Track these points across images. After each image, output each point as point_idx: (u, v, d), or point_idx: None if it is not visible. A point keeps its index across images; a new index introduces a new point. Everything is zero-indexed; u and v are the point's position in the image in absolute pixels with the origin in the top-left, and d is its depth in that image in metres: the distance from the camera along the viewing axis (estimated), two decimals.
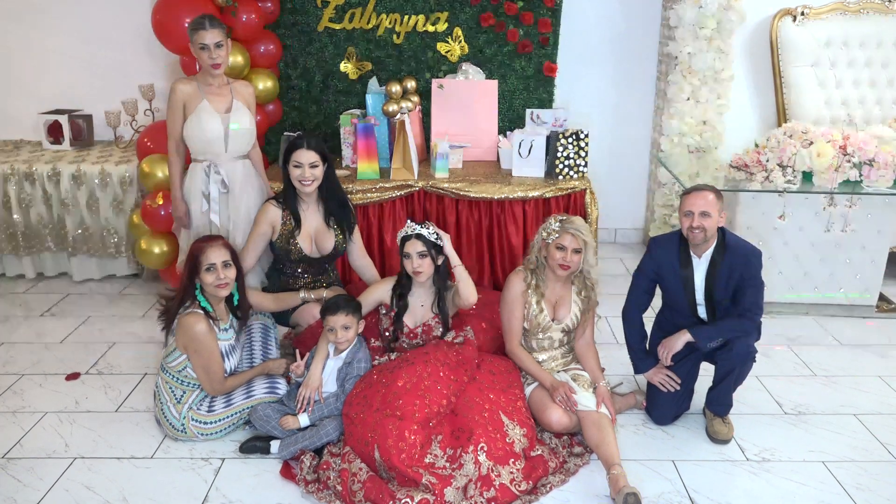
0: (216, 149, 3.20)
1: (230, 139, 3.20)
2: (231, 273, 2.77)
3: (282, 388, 2.92)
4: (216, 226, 3.28)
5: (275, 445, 2.73)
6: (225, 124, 3.17)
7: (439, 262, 2.96)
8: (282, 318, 3.35)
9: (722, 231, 2.86)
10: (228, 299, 2.87)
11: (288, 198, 3.24)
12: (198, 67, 3.26)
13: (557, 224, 2.84)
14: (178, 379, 2.79)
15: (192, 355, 2.73)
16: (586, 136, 3.86)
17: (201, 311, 2.72)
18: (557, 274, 2.87)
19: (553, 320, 2.93)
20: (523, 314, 2.92)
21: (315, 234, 3.28)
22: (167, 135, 3.26)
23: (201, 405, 2.82)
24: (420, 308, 3.02)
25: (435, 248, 2.93)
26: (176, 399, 2.80)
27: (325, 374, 2.87)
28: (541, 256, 2.90)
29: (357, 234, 3.43)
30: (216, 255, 2.73)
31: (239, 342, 2.94)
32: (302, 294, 3.30)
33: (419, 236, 2.91)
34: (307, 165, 3.14)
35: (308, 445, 2.69)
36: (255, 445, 2.75)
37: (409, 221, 3.03)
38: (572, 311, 2.94)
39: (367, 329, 3.13)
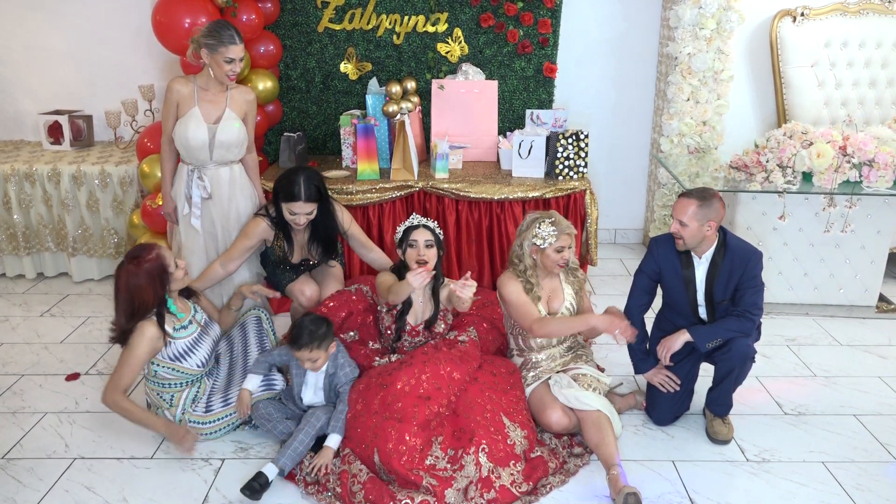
0: (201, 156, 3.14)
1: (215, 148, 3.13)
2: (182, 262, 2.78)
3: (279, 383, 2.90)
4: (197, 231, 3.23)
5: (270, 471, 2.58)
6: (211, 134, 3.10)
7: (440, 254, 2.99)
8: (278, 287, 3.34)
9: (723, 231, 2.85)
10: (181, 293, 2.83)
11: (280, 223, 3.16)
12: (210, 72, 3.07)
13: (551, 228, 2.84)
14: (160, 384, 2.77)
15: (122, 353, 2.65)
16: (586, 136, 3.86)
17: (154, 319, 2.65)
18: (554, 272, 2.91)
19: (550, 313, 2.94)
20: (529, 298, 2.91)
21: (305, 247, 3.28)
22: (161, 131, 3.24)
23: (196, 406, 2.81)
24: (419, 304, 3.03)
25: (439, 241, 2.96)
26: (168, 403, 2.79)
27: (309, 387, 2.80)
28: (532, 259, 2.92)
29: (356, 231, 3.36)
30: (168, 252, 2.71)
31: (210, 332, 2.87)
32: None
33: (426, 226, 2.94)
34: (302, 214, 3.07)
35: (305, 449, 2.65)
36: (255, 486, 2.53)
37: (413, 214, 3.04)
38: (566, 298, 2.96)
39: (365, 330, 3.13)
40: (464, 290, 2.80)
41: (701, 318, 2.91)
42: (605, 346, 3.61)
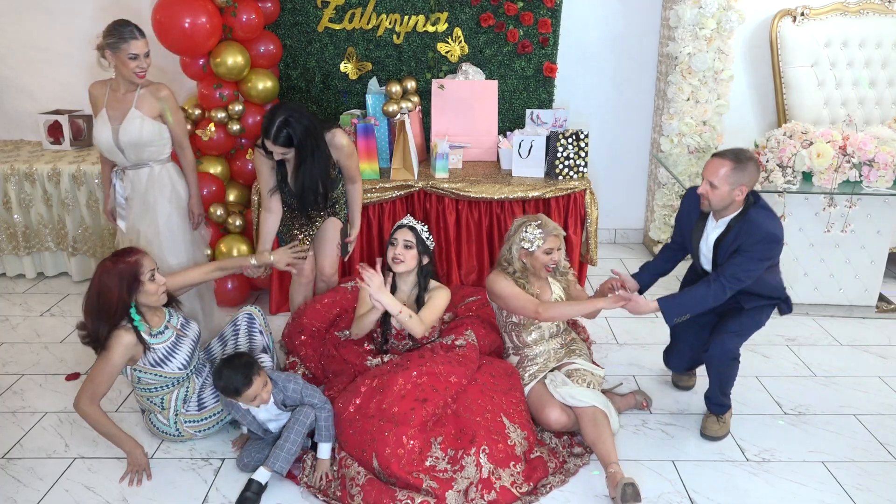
0: (115, 158, 3.12)
1: (124, 149, 3.07)
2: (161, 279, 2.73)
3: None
4: (122, 232, 3.21)
5: (262, 476, 2.55)
6: (115, 134, 3.05)
7: (424, 261, 2.97)
8: (281, 241, 3.34)
9: (755, 199, 2.73)
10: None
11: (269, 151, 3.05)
12: (114, 74, 3.07)
13: (538, 231, 2.88)
14: (147, 389, 2.75)
15: (97, 360, 2.62)
16: (586, 136, 3.86)
17: (131, 327, 2.62)
18: (543, 275, 2.95)
19: None
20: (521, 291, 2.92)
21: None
22: None
23: (188, 405, 2.81)
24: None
25: (422, 246, 2.94)
26: (159, 407, 2.78)
27: (263, 419, 2.70)
28: (525, 263, 2.94)
29: (349, 165, 3.21)
30: (150, 262, 2.68)
31: (188, 332, 2.83)
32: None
33: (411, 228, 2.94)
34: (276, 152, 3.00)
35: (299, 448, 2.63)
36: (248, 496, 2.52)
37: (407, 215, 3.04)
38: (555, 294, 2.98)
39: None
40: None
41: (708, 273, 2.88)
42: (605, 346, 3.61)
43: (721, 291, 2.67)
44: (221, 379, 2.55)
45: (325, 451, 2.64)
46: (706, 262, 2.86)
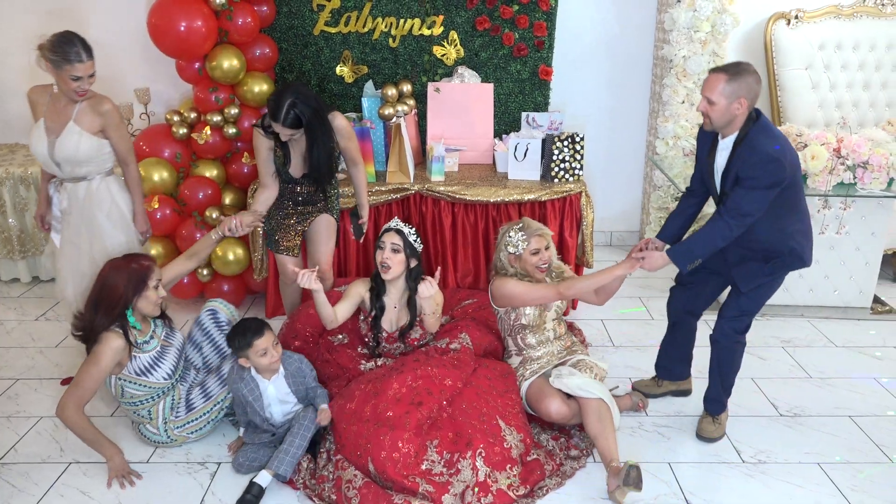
0: (51, 170, 2.97)
1: (60, 163, 2.90)
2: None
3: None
4: (55, 245, 3.10)
5: (263, 479, 2.57)
6: (50, 148, 2.87)
7: (412, 264, 2.97)
8: (269, 243, 3.34)
9: (756, 117, 2.59)
10: None
11: (273, 132, 3.01)
12: (55, 86, 2.89)
13: (521, 234, 2.91)
14: (133, 402, 2.74)
15: (85, 363, 2.61)
16: (582, 139, 3.87)
17: (120, 331, 2.62)
18: (538, 277, 2.95)
19: (539, 313, 2.99)
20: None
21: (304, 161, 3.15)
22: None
23: (177, 412, 2.79)
24: (394, 310, 3.02)
25: (410, 249, 2.95)
26: (147, 418, 2.77)
27: (273, 403, 2.75)
28: (517, 269, 2.95)
29: (349, 146, 3.20)
30: (159, 272, 2.70)
31: (173, 342, 2.82)
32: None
33: (398, 231, 2.94)
34: (284, 133, 2.97)
35: (302, 452, 2.64)
36: (249, 498, 2.53)
37: (395, 218, 3.05)
38: None
39: (355, 334, 3.12)
40: (424, 288, 2.90)
41: None
42: (602, 348, 3.62)
43: (727, 229, 2.55)
44: (235, 335, 2.68)
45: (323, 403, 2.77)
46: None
